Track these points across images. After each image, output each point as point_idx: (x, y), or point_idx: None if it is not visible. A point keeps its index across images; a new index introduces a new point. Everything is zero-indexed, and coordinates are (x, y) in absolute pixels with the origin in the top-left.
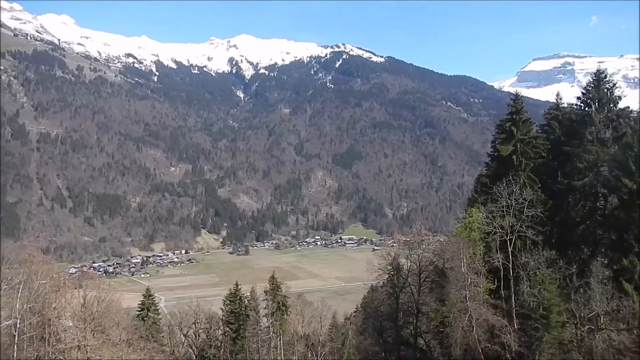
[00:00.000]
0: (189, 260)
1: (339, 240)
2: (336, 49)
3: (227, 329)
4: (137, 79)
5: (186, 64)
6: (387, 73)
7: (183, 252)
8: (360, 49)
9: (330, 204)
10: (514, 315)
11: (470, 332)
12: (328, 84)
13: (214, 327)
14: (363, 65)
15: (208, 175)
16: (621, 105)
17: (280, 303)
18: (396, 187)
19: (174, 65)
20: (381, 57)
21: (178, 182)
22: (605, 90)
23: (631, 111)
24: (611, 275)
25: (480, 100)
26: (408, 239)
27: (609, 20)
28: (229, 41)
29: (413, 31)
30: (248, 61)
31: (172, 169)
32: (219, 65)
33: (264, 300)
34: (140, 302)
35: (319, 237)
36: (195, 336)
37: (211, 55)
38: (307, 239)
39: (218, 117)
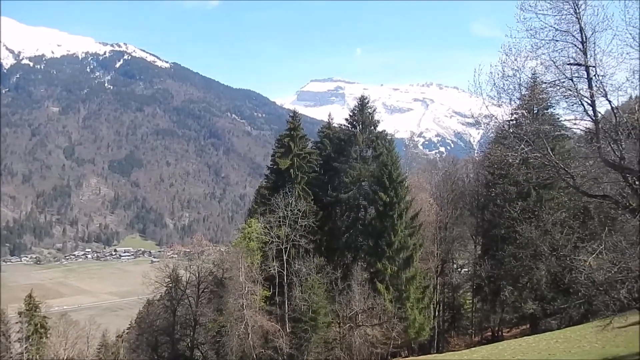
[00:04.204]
0: None
1: (114, 253)
2: (117, 48)
3: None
4: None
5: None
6: (172, 79)
7: None
8: (144, 51)
9: (105, 213)
10: (287, 319)
11: (245, 339)
12: (106, 85)
13: None
14: (146, 69)
15: None
16: (380, 128)
17: (39, 325)
18: (178, 196)
19: None
20: (166, 62)
21: None
22: (368, 114)
23: (387, 134)
24: (368, 277)
25: (264, 115)
26: (188, 250)
27: (371, 54)
28: None
29: (199, 39)
30: (7, 48)
31: None
32: None
33: (17, 323)
34: None
35: (90, 250)
36: None
37: None
38: (76, 252)
39: None
